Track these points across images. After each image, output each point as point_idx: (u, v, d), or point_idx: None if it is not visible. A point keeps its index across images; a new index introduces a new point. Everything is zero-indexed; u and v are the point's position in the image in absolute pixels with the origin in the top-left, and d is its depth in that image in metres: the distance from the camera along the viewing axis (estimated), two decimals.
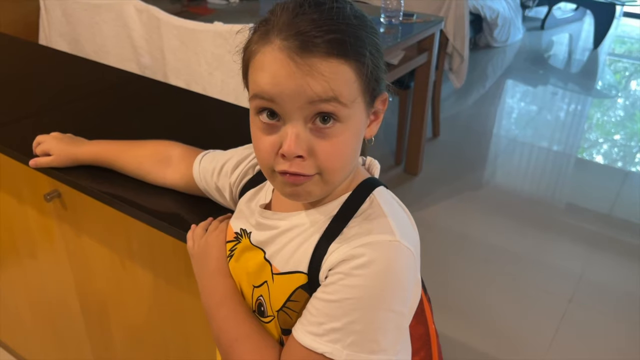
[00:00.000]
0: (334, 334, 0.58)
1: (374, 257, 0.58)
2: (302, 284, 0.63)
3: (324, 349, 0.58)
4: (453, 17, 2.73)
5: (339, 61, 0.55)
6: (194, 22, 1.74)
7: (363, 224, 0.61)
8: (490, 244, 2.30)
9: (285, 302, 0.64)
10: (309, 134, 0.57)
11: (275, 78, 0.56)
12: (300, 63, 0.54)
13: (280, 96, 0.56)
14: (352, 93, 0.57)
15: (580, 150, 3.26)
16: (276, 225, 0.68)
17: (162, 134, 1.16)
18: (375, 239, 0.59)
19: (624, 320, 1.94)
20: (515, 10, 4.86)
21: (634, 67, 4.69)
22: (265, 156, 0.60)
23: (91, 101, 1.32)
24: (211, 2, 2.60)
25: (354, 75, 0.57)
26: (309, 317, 0.60)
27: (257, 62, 0.58)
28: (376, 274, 0.58)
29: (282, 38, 0.55)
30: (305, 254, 0.63)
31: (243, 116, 1.31)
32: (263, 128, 0.59)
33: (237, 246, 0.73)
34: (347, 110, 0.57)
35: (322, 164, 0.58)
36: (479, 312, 1.95)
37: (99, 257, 1.11)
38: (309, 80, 0.54)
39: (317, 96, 0.55)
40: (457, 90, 3.42)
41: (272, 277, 0.66)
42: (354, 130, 0.60)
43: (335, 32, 0.55)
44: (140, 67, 1.96)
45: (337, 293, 0.58)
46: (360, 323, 0.58)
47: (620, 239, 2.41)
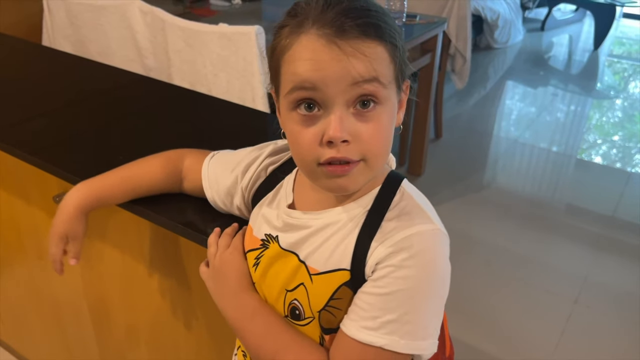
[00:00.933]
0: (389, 325, 0.59)
1: (421, 248, 0.60)
2: (345, 281, 0.63)
3: (381, 342, 0.59)
4: (455, 18, 2.74)
5: (376, 42, 0.57)
6: (199, 23, 1.74)
7: (402, 216, 0.62)
8: (493, 244, 2.30)
9: (328, 301, 0.64)
10: (351, 119, 0.58)
11: (317, 63, 0.56)
12: (343, 45, 0.56)
13: (324, 81, 0.56)
14: (389, 74, 0.59)
15: (581, 151, 3.26)
16: (308, 224, 0.67)
17: (167, 135, 1.17)
18: (419, 230, 0.60)
19: (629, 321, 1.94)
20: (516, 12, 4.87)
21: (633, 68, 4.70)
22: (308, 149, 0.59)
23: (97, 102, 1.32)
24: (214, 4, 2.60)
25: (388, 57, 0.59)
26: (361, 313, 0.61)
27: (295, 53, 0.58)
28: (425, 263, 0.60)
29: (318, 27, 0.57)
30: (346, 251, 0.63)
31: (249, 116, 1.31)
32: (302, 121, 0.59)
33: (263, 253, 0.71)
34: (386, 92, 0.59)
35: (366, 148, 0.59)
36: (484, 313, 1.95)
37: (108, 259, 1.11)
38: (352, 61, 0.56)
39: (361, 76, 0.56)
40: (459, 91, 3.42)
41: (309, 278, 0.65)
42: (391, 113, 0.61)
43: (367, 17, 0.57)
44: (144, 68, 1.95)
45: (389, 286, 0.59)
46: (414, 312, 0.60)
47: (624, 240, 2.41)
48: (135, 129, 1.20)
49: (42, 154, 1.06)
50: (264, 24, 2.48)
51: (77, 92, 1.38)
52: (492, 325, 1.90)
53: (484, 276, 2.11)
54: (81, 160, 1.06)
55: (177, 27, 1.76)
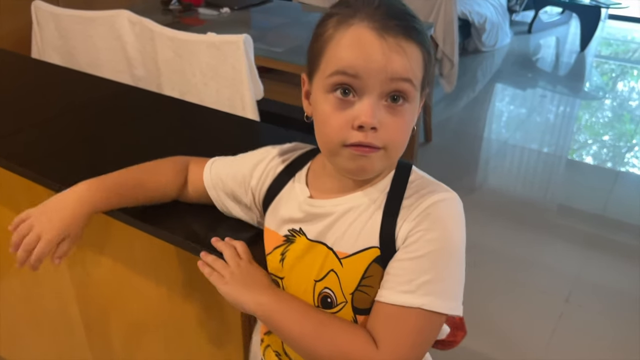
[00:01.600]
0: (425, 286, 0.64)
1: (446, 211, 0.67)
2: (375, 257, 0.68)
3: (420, 301, 0.63)
4: (442, 22, 2.77)
5: (416, 45, 0.63)
6: (187, 33, 1.75)
7: (420, 191, 0.68)
8: (485, 245, 2.32)
9: (360, 280, 0.68)
10: (382, 109, 0.64)
11: (364, 53, 0.62)
12: (391, 41, 0.61)
13: (366, 71, 0.62)
14: (420, 77, 0.65)
15: (570, 151, 3.30)
16: (331, 211, 0.71)
17: (158, 144, 1.18)
18: (440, 197, 0.67)
19: (620, 319, 1.97)
20: (503, 15, 4.92)
21: (620, 68, 4.76)
22: (338, 130, 0.64)
23: (86, 113, 1.33)
24: (203, 13, 2.62)
25: (422, 62, 0.65)
26: (397, 279, 0.65)
27: (343, 40, 0.63)
28: (451, 224, 0.66)
29: (369, 21, 0.62)
30: (373, 230, 0.68)
31: (239, 125, 1.33)
32: (337, 104, 0.64)
33: (289, 247, 0.74)
34: (415, 93, 0.65)
35: (389, 138, 0.64)
36: (475, 314, 1.96)
37: (100, 267, 1.12)
38: (394, 57, 0.62)
39: (399, 73, 0.62)
40: (448, 95, 3.45)
41: (339, 262, 0.70)
42: (414, 113, 0.67)
43: (413, 22, 0.64)
44: (134, 79, 1.96)
45: (421, 249, 0.65)
46: (445, 271, 0.65)
47: (614, 239, 2.43)
48: (126, 139, 1.21)
49: (32, 165, 1.07)
50: (253, 33, 2.50)
51: (67, 103, 1.38)
52: (484, 324, 1.92)
53: (476, 277, 2.13)
54: (71, 171, 1.07)
55: (166, 37, 1.77)
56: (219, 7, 2.66)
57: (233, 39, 1.64)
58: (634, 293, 2.09)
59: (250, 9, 2.77)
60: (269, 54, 2.16)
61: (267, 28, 2.58)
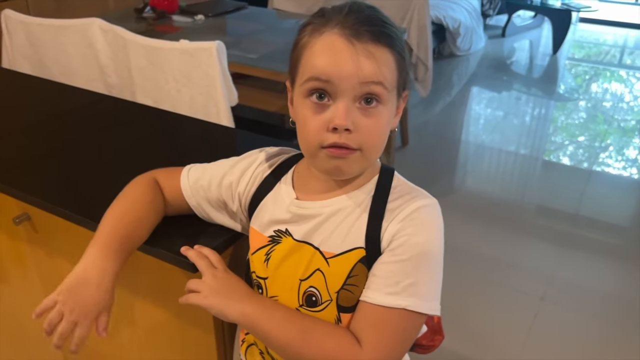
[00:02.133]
0: (410, 288, 0.67)
1: (426, 218, 0.70)
2: (360, 257, 0.70)
3: (405, 303, 0.67)
4: (416, 27, 2.80)
5: (386, 49, 0.66)
6: (160, 40, 1.74)
7: (404, 196, 0.72)
8: (462, 247, 2.35)
9: (346, 279, 0.71)
10: (356, 112, 0.66)
11: (335, 59, 0.65)
12: (359, 46, 0.64)
13: (338, 76, 0.64)
14: (393, 80, 0.68)
15: (545, 152, 3.35)
16: (319, 212, 0.73)
17: (132, 153, 1.17)
18: (423, 203, 0.70)
19: (595, 316, 2.00)
20: (477, 19, 4.99)
21: (593, 70, 4.86)
22: (315, 133, 0.67)
23: (58, 123, 1.32)
24: (177, 20, 2.61)
25: (395, 65, 0.67)
26: (384, 281, 0.68)
27: (316, 48, 0.66)
28: (433, 230, 0.70)
29: (340, 28, 0.65)
30: (359, 231, 0.71)
31: (213, 132, 1.33)
32: (313, 108, 0.67)
33: (274, 248, 0.76)
34: (388, 95, 0.67)
35: (364, 139, 0.67)
36: (452, 314, 1.98)
37: None
38: (364, 61, 0.64)
39: (369, 77, 0.65)
40: (424, 99, 3.48)
41: (326, 262, 0.72)
42: (389, 114, 0.70)
43: (382, 26, 0.66)
44: (107, 87, 1.95)
45: (407, 252, 0.68)
46: (427, 274, 0.69)
47: (588, 237, 2.48)
48: (100, 148, 1.20)
49: (2, 177, 1.06)
50: (229, 39, 2.51)
51: (37, 113, 1.37)
52: (461, 325, 1.94)
53: (453, 278, 2.15)
54: (44, 182, 1.06)
55: (139, 45, 1.76)
56: (193, 14, 2.66)
57: (206, 45, 1.64)
58: (608, 290, 2.13)
59: (225, 16, 2.77)
60: (244, 60, 2.16)
61: (242, 34, 2.58)
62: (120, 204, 0.82)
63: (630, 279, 2.20)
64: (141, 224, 0.82)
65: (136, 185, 0.86)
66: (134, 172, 0.88)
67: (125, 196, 0.84)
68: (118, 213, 0.81)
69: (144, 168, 0.89)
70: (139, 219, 0.82)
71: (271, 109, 2.37)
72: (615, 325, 1.96)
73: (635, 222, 2.66)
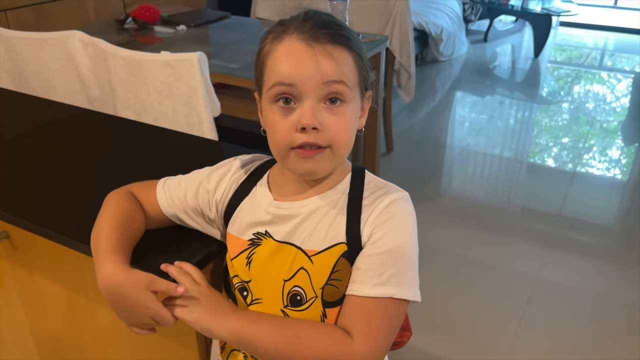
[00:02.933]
0: (394, 278, 0.71)
1: (401, 210, 0.74)
2: (342, 252, 0.73)
3: (392, 291, 0.70)
4: (398, 34, 2.82)
5: (344, 49, 0.69)
6: (141, 52, 1.73)
7: (377, 191, 0.76)
8: (447, 251, 2.36)
9: (330, 274, 0.74)
10: (322, 111, 0.69)
11: (295, 63, 0.68)
12: (317, 48, 0.68)
13: (300, 78, 0.67)
14: (354, 78, 0.71)
15: (530, 154, 3.38)
16: (298, 212, 0.76)
17: (113, 168, 1.16)
18: (396, 197, 0.74)
19: (581, 318, 2.02)
20: (459, 25, 5.04)
21: (574, 73, 4.92)
22: (284, 135, 0.69)
23: (37, 138, 1.31)
24: (159, 31, 2.60)
25: (354, 65, 0.71)
26: (369, 274, 0.71)
27: (277, 55, 0.70)
28: (408, 221, 0.74)
29: (298, 33, 0.69)
30: (339, 227, 0.74)
31: (195, 145, 1.32)
32: (281, 112, 0.70)
33: (255, 250, 0.77)
34: (350, 93, 0.70)
35: (332, 136, 0.69)
36: (439, 318, 1.98)
37: (54, 296, 1.09)
38: (324, 62, 0.67)
39: (330, 77, 0.68)
40: (409, 104, 3.50)
41: (309, 260, 0.74)
42: (355, 112, 0.73)
43: (338, 29, 0.70)
44: (88, 99, 1.93)
45: (387, 244, 0.72)
46: (407, 263, 0.72)
47: (572, 237, 2.50)
48: (79, 164, 1.19)
49: None
50: (211, 49, 2.50)
51: (16, 128, 1.36)
52: (447, 329, 1.94)
53: (439, 282, 2.16)
54: (22, 199, 1.05)
55: (119, 57, 1.75)
56: (175, 24, 2.65)
57: (187, 57, 1.64)
58: (594, 291, 2.15)
59: (207, 26, 2.77)
60: (226, 70, 2.16)
61: (224, 44, 2.58)
62: (106, 215, 0.82)
63: (615, 279, 2.23)
64: (132, 224, 0.83)
65: (114, 198, 0.85)
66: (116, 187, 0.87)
67: (108, 209, 0.83)
68: (107, 222, 0.80)
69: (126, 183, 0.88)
70: (128, 222, 0.82)
71: (255, 118, 2.34)
72: (602, 326, 1.98)
73: (619, 222, 2.69)
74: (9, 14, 2.77)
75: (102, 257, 0.76)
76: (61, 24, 2.89)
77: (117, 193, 0.87)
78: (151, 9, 2.67)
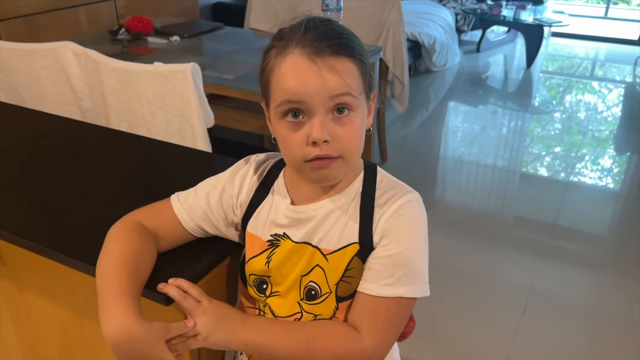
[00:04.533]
0: (404, 277, 0.74)
1: (413, 212, 0.77)
2: (355, 252, 0.76)
3: (400, 291, 0.74)
4: (391, 46, 2.83)
5: (347, 59, 0.70)
6: (133, 63, 1.73)
7: (389, 191, 0.78)
8: (441, 262, 2.35)
9: (344, 272, 0.77)
10: (330, 123, 0.70)
11: (302, 80, 0.68)
12: (321, 63, 0.68)
13: (308, 94, 0.68)
14: (359, 86, 0.72)
15: (523, 164, 3.39)
16: (314, 214, 0.78)
17: (106, 182, 1.15)
18: (408, 199, 0.77)
19: (576, 328, 2.01)
20: (451, 35, 5.07)
21: (566, 82, 4.96)
22: (297, 149, 0.71)
23: (27, 151, 1.29)
24: (152, 42, 2.60)
25: (358, 71, 0.71)
26: (379, 274, 0.75)
27: (282, 72, 0.70)
28: (419, 222, 0.77)
29: (300, 48, 0.69)
30: (353, 228, 0.77)
31: (188, 156, 1.31)
32: (291, 127, 0.71)
33: (275, 251, 0.80)
34: (357, 101, 0.71)
35: (343, 146, 0.71)
36: (433, 331, 1.97)
37: (44, 312, 1.07)
38: (328, 76, 0.68)
39: (336, 90, 0.69)
40: (403, 115, 3.51)
41: (325, 258, 0.78)
42: (362, 118, 0.74)
43: (340, 38, 0.70)
44: (81, 111, 1.92)
45: (398, 247, 0.74)
46: (417, 262, 0.76)
47: (566, 247, 2.50)
48: (70, 178, 1.17)
49: None
50: (205, 60, 2.50)
51: (6, 141, 1.34)
52: (443, 342, 1.93)
53: (433, 293, 2.14)
54: (11, 213, 1.03)
55: (112, 68, 1.74)
56: (168, 35, 2.65)
57: (180, 68, 1.63)
58: (589, 301, 2.15)
59: (200, 37, 2.76)
60: (220, 81, 2.15)
61: (218, 55, 2.58)
62: (114, 253, 0.77)
63: (610, 289, 2.22)
64: (145, 262, 0.79)
65: (121, 232, 0.80)
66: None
67: (115, 245, 0.78)
68: (115, 262, 0.75)
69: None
70: (140, 260, 0.78)
71: (249, 129, 2.35)
72: (598, 336, 1.97)
73: (612, 231, 2.69)
74: (1, 25, 2.76)
75: (114, 303, 0.70)
76: (54, 35, 2.89)
77: (122, 226, 0.82)
78: (144, 20, 2.67)
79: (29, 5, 2.87)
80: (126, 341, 0.68)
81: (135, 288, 0.74)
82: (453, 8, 5.32)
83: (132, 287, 0.73)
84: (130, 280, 0.74)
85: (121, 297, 0.71)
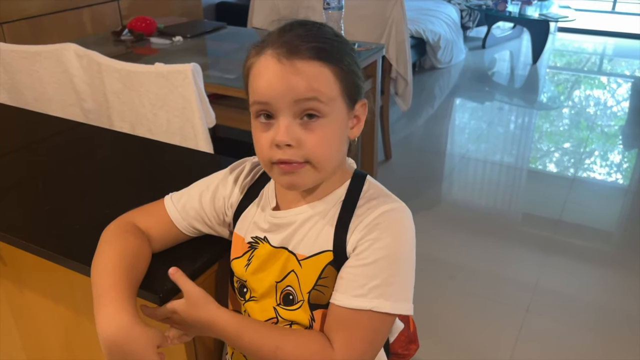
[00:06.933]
0: (376, 290, 0.70)
1: (391, 221, 0.72)
2: (329, 260, 0.74)
3: (371, 305, 0.69)
4: (394, 43, 2.81)
5: (319, 64, 0.67)
6: (135, 64, 1.73)
7: (371, 200, 0.74)
8: (446, 259, 2.34)
9: (317, 280, 0.74)
10: (298, 128, 0.69)
11: (268, 81, 0.68)
12: (286, 64, 0.66)
13: (272, 96, 0.67)
14: (331, 93, 0.69)
15: (530, 160, 3.37)
16: (293, 220, 0.77)
17: (107, 184, 1.15)
18: (389, 207, 0.73)
19: (581, 325, 1.99)
20: (456, 32, 5.04)
21: (573, 78, 4.92)
22: (264, 150, 0.71)
23: (30, 153, 1.30)
24: (155, 43, 2.60)
25: (333, 77, 0.69)
26: (350, 284, 0.71)
27: (254, 72, 0.70)
28: (396, 233, 0.72)
29: (273, 48, 0.68)
30: (328, 235, 0.74)
31: (190, 157, 1.31)
32: (261, 127, 0.71)
33: (253, 253, 0.79)
34: (327, 108, 0.69)
35: (309, 153, 0.69)
36: (437, 328, 1.96)
37: (45, 312, 1.08)
38: (294, 79, 0.66)
39: (301, 94, 0.67)
40: (407, 112, 3.50)
41: (299, 264, 0.76)
42: (336, 126, 0.71)
43: (316, 42, 0.68)
44: (83, 111, 1.93)
45: (371, 256, 0.70)
46: (394, 275, 0.71)
47: (572, 244, 2.48)
48: (72, 180, 1.18)
49: None
50: (208, 60, 2.50)
51: (9, 143, 1.35)
52: (446, 339, 1.92)
53: (438, 291, 2.14)
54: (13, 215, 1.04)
55: (113, 69, 1.75)
56: (171, 35, 2.65)
57: (181, 68, 1.63)
58: (594, 298, 2.13)
59: (204, 37, 2.77)
60: (222, 81, 2.15)
61: (221, 55, 2.58)
62: (109, 253, 0.77)
63: (616, 285, 2.20)
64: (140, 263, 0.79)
65: (116, 233, 0.81)
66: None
67: (110, 246, 0.78)
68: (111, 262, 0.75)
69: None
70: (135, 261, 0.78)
71: (250, 129, 2.35)
72: (603, 334, 1.95)
73: (620, 228, 2.67)
74: (5, 27, 2.78)
75: (111, 304, 0.70)
76: (58, 36, 2.90)
77: (116, 227, 0.82)
78: (147, 21, 2.68)
79: (33, 7, 2.89)
80: (122, 341, 0.67)
81: (130, 289, 0.73)
82: (458, 4, 5.29)
83: (128, 287, 0.73)
84: (126, 281, 0.73)
85: (118, 297, 0.70)
